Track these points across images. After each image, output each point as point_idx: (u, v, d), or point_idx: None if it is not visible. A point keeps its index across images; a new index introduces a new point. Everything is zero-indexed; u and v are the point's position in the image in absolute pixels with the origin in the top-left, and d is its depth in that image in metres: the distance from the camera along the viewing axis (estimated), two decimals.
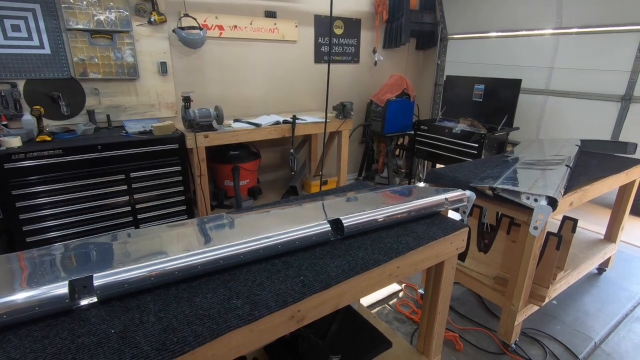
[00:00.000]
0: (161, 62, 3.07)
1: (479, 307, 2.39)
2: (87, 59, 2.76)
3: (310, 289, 0.99)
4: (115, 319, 0.85)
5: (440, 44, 4.60)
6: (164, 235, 1.18)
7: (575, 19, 3.33)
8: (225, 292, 0.96)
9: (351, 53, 4.34)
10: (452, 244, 1.38)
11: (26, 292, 0.83)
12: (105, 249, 1.07)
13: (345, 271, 1.07)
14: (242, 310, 0.89)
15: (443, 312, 1.52)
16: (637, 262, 2.95)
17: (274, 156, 4.17)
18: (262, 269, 1.07)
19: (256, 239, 1.09)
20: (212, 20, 3.29)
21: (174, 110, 3.24)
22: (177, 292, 0.95)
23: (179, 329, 0.82)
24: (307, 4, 3.81)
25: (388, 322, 2.24)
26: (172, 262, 0.96)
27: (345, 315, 1.65)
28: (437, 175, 2.10)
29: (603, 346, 2.08)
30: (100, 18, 2.73)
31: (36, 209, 2.38)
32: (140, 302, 0.91)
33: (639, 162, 2.38)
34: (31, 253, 1.05)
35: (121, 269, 0.92)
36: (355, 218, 1.26)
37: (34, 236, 2.42)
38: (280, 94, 3.94)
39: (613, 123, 3.18)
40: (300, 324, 0.99)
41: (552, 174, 1.87)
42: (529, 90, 3.69)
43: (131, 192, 2.67)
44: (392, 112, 3.95)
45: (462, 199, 1.53)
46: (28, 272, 0.95)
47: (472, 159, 3.22)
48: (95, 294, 0.89)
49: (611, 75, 3.15)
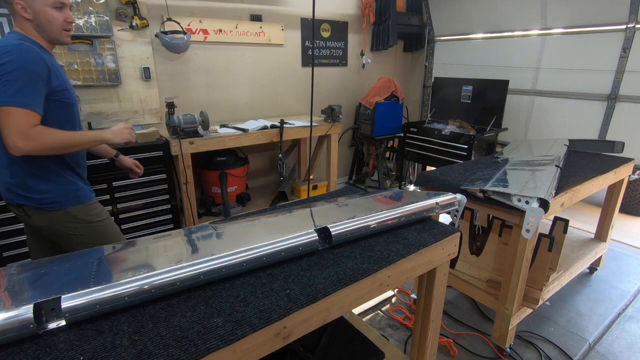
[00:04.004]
0: (144, 67, 3.00)
1: (472, 311, 2.36)
2: (66, 65, 2.67)
3: (297, 303, 0.94)
4: (85, 343, 0.79)
5: (427, 46, 4.61)
6: (141, 250, 1.12)
7: (560, 20, 3.36)
8: (206, 309, 0.90)
9: (339, 56, 4.31)
10: (443, 249, 1.34)
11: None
12: (78, 265, 1.01)
13: (333, 283, 1.02)
14: (223, 329, 0.83)
15: (437, 319, 1.48)
16: (627, 260, 2.96)
17: (262, 161, 4.11)
18: (246, 283, 1.01)
19: (239, 252, 1.03)
20: (196, 25, 3.23)
21: (158, 116, 3.16)
22: (154, 311, 0.89)
23: (154, 353, 0.76)
24: (293, 7, 3.78)
25: (381, 329, 2.20)
26: (148, 280, 0.90)
27: (336, 326, 1.59)
28: (428, 178, 2.07)
29: (597, 347, 2.07)
30: (79, 23, 2.65)
31: (13, 222, 2.28)
32: (113, 324, 0.84)
33: (626, 161, 2.39)
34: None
35: (92, 289, 0.85)
36: (343, 226, 1.21)
37: (11, 250, 2.32)
38: (268, 98, 3.89)
39: (600, 122, 3.20)
40: (287, 341, 0.93)
41: (542, 175, 1.85)
42: (516, 90, 3.71)
43: (114, 201, 2.58)
44: (381, 114, 3.93)
45: (453, 202, 1.50)
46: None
47: (462, 160, 3.21)
48: (64, 317, 0.82)
49: (597, 75, 3.18)
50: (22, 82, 1.24)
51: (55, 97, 1.36)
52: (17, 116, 1.23)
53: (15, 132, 1.23)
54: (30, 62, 1.27)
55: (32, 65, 1.27)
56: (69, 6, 1.42)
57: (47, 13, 1.35)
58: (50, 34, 1.39)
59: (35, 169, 1.40)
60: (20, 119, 1.23)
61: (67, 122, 1.44)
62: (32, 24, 1.36)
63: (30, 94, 1.26)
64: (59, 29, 1.39)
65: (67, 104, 1.43)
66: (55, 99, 1.36)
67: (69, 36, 1.44)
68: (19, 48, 1.27)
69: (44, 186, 1.42)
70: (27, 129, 1.24)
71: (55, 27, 1.38)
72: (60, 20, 1.38)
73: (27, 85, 1.26)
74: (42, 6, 1.33)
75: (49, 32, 1.38)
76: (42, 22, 1.36)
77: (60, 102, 1.39)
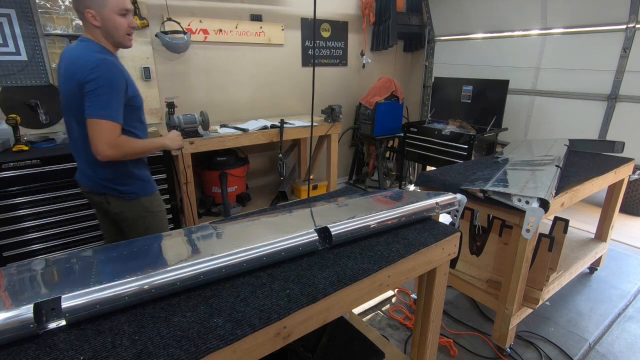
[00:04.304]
0: (144, 67, 3.00)
1: (472, 311, 2.36)
2: None
3: (297, 303, 0.94)
4: (85, 343, 0.79)
5: (427, 46, 4.61)
6: (141, 250, 1.12)
7: (560, 19, 3.35)
8: (206, 309, 0.90)
9: (339, 56, 4.31)
10: (443, 249, 1.34)
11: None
12: (78, 265, 1.01)
13: (333, 283, 1.02)
14: (223, 329, 0.84)
15: (437, 319, 1.48)
16: (627, 260, 2.96)
17: (262, 161, 4.11)
18: (246, 283, 1.01)
19: (239, 252, 1.03)
20: (197, 25, 3.23)
21: (158, 116, 3.16)
22: (154, 311, 0.89)
23: (154, 352, 0.76)
24: (293, 7, 3.78)
25: (381, 329, 2.20)
26: (148, 280, 0.90)
27: (336, 326, 1.59)
28: (428, 178, 2.07)
29: (597, 347, 2.07)
30: (79, 23, 2.65)
31: (13, 222, 2.28)
32: (113, 324, 0.85)
33: (627, 161, 2.39)
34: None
35: (92, 289, 0.85)
36: (343, 226, 1.21)
37: (12, 250, 2.32)
38: (268, 98, 3.89)
39: (600, 122, 3.20)
40: (287, 341, 0.93)
41: (542, 175, 1.85)
42: (516, 90, 3.70)
43: None
44: (381, 114, 3.93)
45: (453, 202, 1.50)
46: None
47: (462, 160, 3.21)
48: (64, 317, 0.82)
49: (597, 75, 3.17)
50: (108, 97, 1.41)
51: (129, 103, 1.51)
52: (105, 128, 1.40)
53: (103, 142, 1.40)
54: (114, 78, 1.43)
55: (116, 81, 1.43)
56: (132, 12, 1.55)
57: (115, 20, 1.47)
58: (116, 39, 1.52)
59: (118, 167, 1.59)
60: (108, 130, 1.40)
61: (137, 121, 1.61)
62: (101, 30, 1.48)
63: (115, 107, 1.43)
64: (123, 34, 1.52)
65: (136, 107, 1.58)
66: (129, 105, 1.51)
67: (131, 40, 1.57)
68: (105, 64, 1.42)
69: (126, 180, 1.62)
70: (113, 139, 1.42)
71: (120, 33, 1.51)
72: (125, 26, 1.51)
73: (113, 99, 1.42)
74: (110, 14, 1.46)
75: (114, 37, 1.51)
76: (110, 28, 1.48)
77: (132, 106, 1.54)
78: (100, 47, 1.49)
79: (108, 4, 1.44)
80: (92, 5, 1.43)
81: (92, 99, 1.39)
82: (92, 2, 1.43)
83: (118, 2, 1.46)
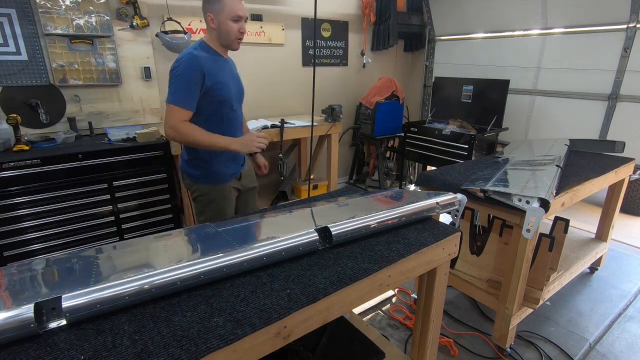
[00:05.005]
0: (144, 67, 3.00)
1: (473, 311, 2.36)
2: (67, 65, 2.68)
3: (297, 303, 0.94)
4: (85, 343, 0.79)
5: (428, 46, 4.61)
6: (142, 249, 1.12)
7: (561, 19, 3.35)
8: (206, 309, 0.90)
9: (339, 56, 4.31)
10: (444, 249, 1.34)
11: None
12: (79, 265, 1.01)
13: (333, 283, 1.02)
14: (223, 329, 0.84)
15: (437, 319, 1.48)
16: (628, 260, 2.96)
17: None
18: (246, 283, 1.01)
19: (239, 251, 1.03)
20: (197, 24, 3.23)
21: (158, 116, 3.16)
22: (154, 310, 0.89)
23: (154, 352, 0.76)
24: (294, 7, 3.78)
25: (381, 328, 2.20)
26: (148, 279, 0.90)
27: (337, 326, 1.59)
28: (428, 178, 2.06)
29: (598, 347, 2.07)
30: (80, 22, 2.65)
31: (14, 221, 2.28)
32: (114, 324, 0.85)
33: (627, 161, 2.39)
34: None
35: (93, 288, 0.85)
36: (344, 225, 1.21)
37: (12, 250, 2.32)
38: (268, 98, 3.89)
39: (600, 122, 3.20)
40: (287, 340, 0.93)
41: (542, 175, 1.85)
42: (517, 90, 3.70)
43: (115, 201, 2.58)
44: (382, 114, 3.92)
45: (453, 202, 1.50)
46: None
47: (463, 160, 3.21)
48: (64, 316, 0.82)
49: (597, 75, 3.17)
50: (180, 86, 1.60)
51: (208, 94, 1.67)
52: (171, 111, 1.61)
53: (168, 123, 1.62)
54: (188, 70, 1.60)
55: (189, 72, 1.60)
56: (245, 19, 1.70)
57: (227, 25, 1.66)
58: (226, 42, 1.72)
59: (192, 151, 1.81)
60: (174, 114, 1.61)
61: (216, 113, 1.74)
62: (216, 32, 1.69)
63: (183, 95, 1.61)
64: (233, 38, 1.70)
65: (216, 101, 1.71)
66: (208, 96, 1.67)
67: (239, 43, 1.75)
68: (187, 57, 1.61)
69: (195, 162, 1.83)
70: (176, 123, 1.61)
71: (230, 36, 1.69)
72: (235, 31, 1.68)
73: (181, 87, 1.61)
74: (224, 19, 1.65)
75: (225, 40, 1.71)
76: (222, 31, 1.68)
77: (211, 98, 1.69)
78: (204, 46, 1.70)
79: (224, 11, 1.63)
80: (211, 10, 1.65)
81: (170, 86, 1.63)
82: (212, 7, 1.64)
83: (233, 9, 1.64)
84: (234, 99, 1.81)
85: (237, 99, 1.87)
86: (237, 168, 1.97)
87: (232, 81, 1.82)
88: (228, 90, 1.76)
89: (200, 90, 1.64)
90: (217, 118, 1.76)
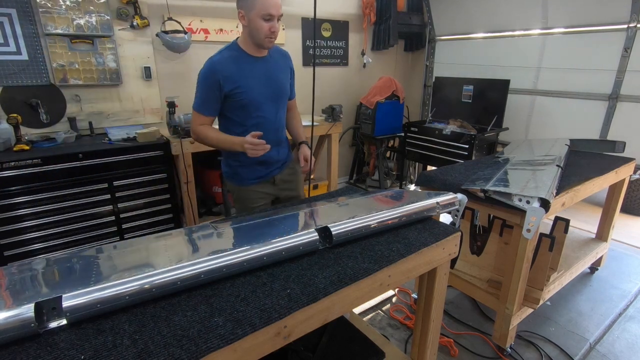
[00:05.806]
0: (145, 67, 3.00)
1: (473, 311, 2.36)
2: (67, 65, 2.68)
3: (297, 303, 0.94)
4: (86, 343, 0.79)
5: (428, 46, 4.60)
6: (142, 249, 1.12)
7: (561, 19, 3.35)
8: (206, 309, 0.90)
9: (340, 55, 4.31)
10: (444, 249, 1.34)
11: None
12: (79, 265, 1.01)
13: (334, 282, 1.02)
14: (223, 328, 0.84)
15: (437, 319, 1.48)
16: (628, 260, 2.96)
17: None
18: (246, 282, 1.01)
19: (240, 251, 1.03)
20: (197, 24, 3.23)
21: (159, 116, 3.16)
22: (154, 310, 0.89)
23: (154, 352, 0.76)
24: (294, 7, 3.78)
25: (381, 328, 2.20)
26: (149, 279, 0.90)
27: (337, 326, 1.59)
28: (428, 178, 2.06)
29: (598, 347, 2.06)
30: (80, 22, 2.65)
31: (14, 221, 2.29)
32: (114, 324, 0.85)
33: (628, 161, 2.39)
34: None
35: (93, 288, 0.86)
36: (344, 225, 1.21)
37: (12, 249, 2.32)
38: None
39: (601, 122, 3.20)
40: (287, 340, 0.93)
41: (543, 175, 1.85)
42: (517, 90, 3.70)
43: (115, 201, 2.59)
44: (382, 114, 3.92)
45: (453, 202, 1.50)
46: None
47: (463, 160, 3.21)
48: (65, 316, 0.82)
49: (598, 74, 3.17)
50: (198, 93, 1.69)
51: (230, 98, 1.69)
52: (194, 116, 1.72)
53: (191, 126, 1.77)
54: (204, 78, 1.65)
55: (205, 80, 1.65)
56: (277, 18, 1.64)
57: (257, 22, 1.60)
58: (257, 40, 1.66)
59: (223, 150, 1.87)
60: (194, 118, 1.72)
61: (241, 115, 1.75)
62: (247, 29, 1.66)
63: (200, 100, 1.69)
64: (263, 36, 1.64)
65: (239, 103, 1.71)
66: (230, 99, 1.69)
67: (271, 42, 1.69)
68: (206, 64, 1.66)
69: (227, 161, 1.89)
70: (195, 127, 1.73)
71: (261, 35, 1.63)
72: (266, 29, 1.62)
73: (201, 95, 1.68)
74: (255, 17, 1.60)
75: (255, 38, 1.66)
76: (252, 29, 1.63)
77: (234, 101, 1.70)
78: (234, 47, 1.70)
79: (255, 8, 1.58)
80: (242, 7, 1.61)
81: (195, 92, 1.70)
82: (243, 4, 1.61)
83: (264, 7, 1.58)
84: (263, 100, 1.74)
85: (271, 100, 1.77)
86: (267, 172, 1.88)
87: (265, 82, 1.74)
88: (252, 93, 1.70)
89: (218, 95, 1.66)
90: (242, 120, 1.74)
